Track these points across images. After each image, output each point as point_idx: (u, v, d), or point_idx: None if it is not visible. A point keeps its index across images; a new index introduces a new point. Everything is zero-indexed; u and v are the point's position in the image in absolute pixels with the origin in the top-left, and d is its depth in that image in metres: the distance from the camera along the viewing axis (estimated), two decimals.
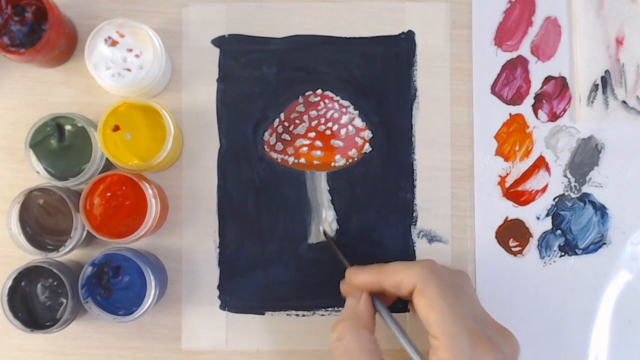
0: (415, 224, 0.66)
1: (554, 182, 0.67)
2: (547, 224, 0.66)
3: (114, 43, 0.61)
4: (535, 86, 0.67)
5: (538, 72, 0.67)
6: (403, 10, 0.67)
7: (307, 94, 0.66)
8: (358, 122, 0.66)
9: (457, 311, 0.54)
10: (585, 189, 0.66)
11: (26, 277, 0.60)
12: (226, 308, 0.66)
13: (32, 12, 0.61)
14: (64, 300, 0.60)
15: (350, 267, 0.59)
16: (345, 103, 0.66)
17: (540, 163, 0.67)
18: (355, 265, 0.59)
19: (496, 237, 0.66)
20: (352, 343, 0.54)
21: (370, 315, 0.57)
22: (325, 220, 0.66)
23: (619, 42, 0.67)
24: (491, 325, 0.57)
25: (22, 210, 0.61)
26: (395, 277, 0.56)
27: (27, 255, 0.60)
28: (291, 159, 0.65)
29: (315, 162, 0.65)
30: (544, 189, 0.67)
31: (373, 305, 0.57)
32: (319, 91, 0.66)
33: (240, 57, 0.66)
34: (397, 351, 0.65)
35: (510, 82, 0.67)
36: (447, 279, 0.56)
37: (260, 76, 0.66)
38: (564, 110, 0.67)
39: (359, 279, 0.58)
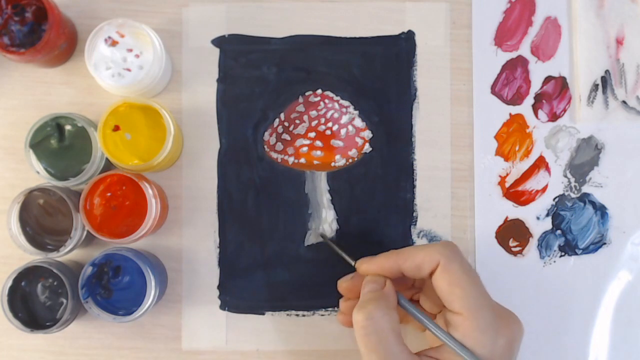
0: (415, 224, 0.66)
1: (554, 182, 0.67)
2: (547, 224, 0.66)
3: (114, 43, 0.61)
4: (535, 86, 0.67)
5: (538, 72, 0.67)
6: (403, 10, 0.67)
7: (307, 94, 0.66)
8: (358, 122, 0.66)
9: (480, 287, 0.55)
10: (585, 189, 0.66)
11: (26, 277, 0.60)
12: (226, 308, 0.66)
13: (32, 12, 0.61)
14: (64, 300, 0.60)
15: (361, 258, 0.59)
16: (345, 103, 0.66)
17: (540, 163, 0.67)
18: (364, 257, 0.59)
19: (496, 237, 0.66)
20: (384, 322, 0.53)
21: (395, 298, 0.56)
22: (325, 220, 0.66)
23: (619, 42, 0.67)
24: (502, 307, 0.58)
25: (22, 210, 0.61)
26: (416, 257, 0.56)
27: (27, 255, 0.60)
28: (291, 159, 0.65)
29: (315, 162, 0.65)
30: (544, 189, 0.67)
31: (395, 290, 0.57)
32: (319, 91, 0.66)
33: (240, 57, 0.66)
34: None
35: (510, 82, 0.67)
36: (466, 259, 0.57)
37: (260, 76, 0.66)
38: (564, 110, 0.67)
39: (377, 264, 0.57)
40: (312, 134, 0.65)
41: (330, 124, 0.65)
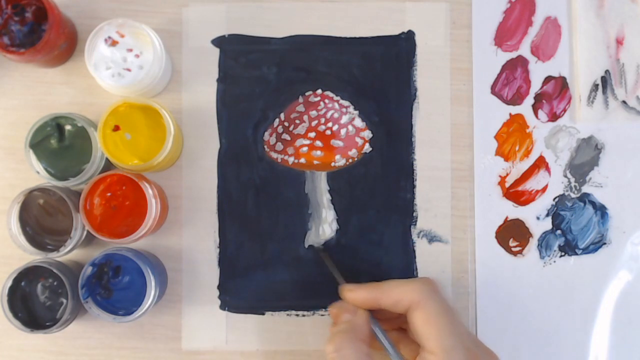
0: (415, 224, 0.66)
1: (554, 182, 0.67)
2: (547, 224, 0.66)
3: (114, 43, 0.61)
4: (535, 86, 0.67)
5: (538, 72, 0.67)
6: (403, 10, 0.67)
7: (307, 94, 0.66)
8: (358, 122, 0.66)
9: (455, 327, 0.55)
10: (585, 189, 0.66)
11: (26, 277, 0.60)
12: (226, 308, 0.66)
13: (32, 12, 0.61)
14: (64, 300, 0.60)
15: (345, 284, 0.60)
16: (345, 103, 0.66)
17: (540, 163, 0.67)
18: (350, 283, 0.59)
19: (496, 237, 0.66)
20: (351, 355, 0.54)
21: (368, 329, 0.57)
22: (325, 220, 0.66)
23: (619, 42, 0.67)
24: (481, 347, 0.58)
25: (22, 210, 0.61)
26: (394, 293, 0.56)
27: (27, 255, 0.60)
28: (291, 159, 0.65)
29: (315, 162, 0.65)
30: (544, 189, 0.67)
31: (369, 321, 0.58)
32: (319, 91, 0.66)
33: (240, 57, 0.66)
34: None
35: (510, 82, 0.67)
36: (444, 297, 0.57)
37: (260, 76, 0.66)
38: (564, 110, 0.67)
39: (357, 296, 0.58)
40: (312, 134, 0.65)
41: (330, 124, 0.65)
